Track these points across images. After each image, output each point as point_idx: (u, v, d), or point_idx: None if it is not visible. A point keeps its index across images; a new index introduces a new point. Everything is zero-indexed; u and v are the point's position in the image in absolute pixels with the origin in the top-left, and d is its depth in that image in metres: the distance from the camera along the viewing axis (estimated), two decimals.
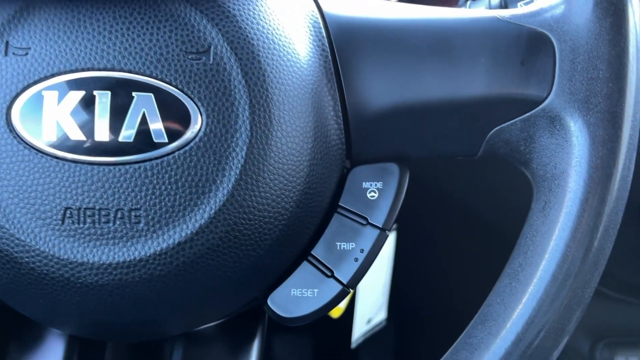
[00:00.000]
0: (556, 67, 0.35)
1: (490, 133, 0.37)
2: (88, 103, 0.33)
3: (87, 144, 0.33)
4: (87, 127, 0.33)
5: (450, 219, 0.68)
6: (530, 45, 0.36)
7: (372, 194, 0.38)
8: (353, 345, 0.60)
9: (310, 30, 0.37)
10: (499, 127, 0.37)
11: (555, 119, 0.35)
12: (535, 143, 0.36)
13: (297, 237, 0.36)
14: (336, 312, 0.56)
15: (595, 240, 0.34)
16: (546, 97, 0.35)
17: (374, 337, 0.66)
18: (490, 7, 0.47)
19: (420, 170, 0.59)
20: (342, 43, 0.37)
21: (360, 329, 0.60)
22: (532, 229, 0.36)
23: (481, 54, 0.36)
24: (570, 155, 0.35)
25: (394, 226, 0.62)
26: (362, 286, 0.57)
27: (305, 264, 0.38)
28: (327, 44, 0.37)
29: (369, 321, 0.61)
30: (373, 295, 0.59)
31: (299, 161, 0.35)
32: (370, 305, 0.60)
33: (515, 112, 0.36)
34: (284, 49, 0.35)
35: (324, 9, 0.38)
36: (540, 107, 0.36)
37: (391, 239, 0.59)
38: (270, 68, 0.34)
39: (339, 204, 0.38)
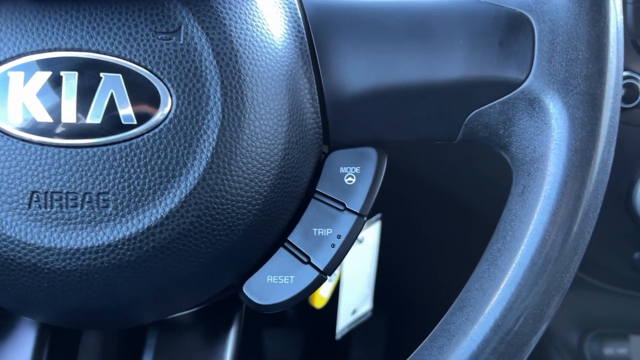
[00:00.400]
0: (535, 48, 0.35)
1: (469, 116, 0.36)
2: (55, 84, 0.32)
3: (54, 126, 0.32)
4: (54, 109, 0.32)
5: (432, 206, 0.68)
6: (508, 27, 0.35)
7: (350, 179, 0.37)
8: (338, 336, 0.59)
9: (286, 12, 0.36)
10: (477, 110, 0.36)
11: (534, 101, 0.35)
12: (515, 126, 0.35)
13: (272, 223, 0.36)
14: (319, 303, 0.56)
15: (574, 225, 0.34)
16: (525, 79, 0.35)
17: (361, 328, 0.66)
18: None
19: (401, 155, 0.58)
20: (319, 25, 0.36)
21: (345, 320, 0.60)
22: (510, 214, 0.35)
23: (459, 35, 0.35)
24: (550, 138, 0.34)
25: (379, 215, 0.61)
26: (346, 277, 0.57)
27: (281, 250, 0.37)
28: (303, 26, 0.36)
29: (354, 312, 0.61)
30: (358, 285, 0.58)
31: (273, 144, 0.34)
32: (355, 296, 0.59)
33: (494, 94, 0.36)
34: (257, 30, 0.34)
35: None
36: (519, 89, 0.35)
37: (376, 228, 0.59)
38: (242, 49, 0.33)
39: (316, 189, 0.37)
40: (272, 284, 0.36)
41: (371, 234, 0.58)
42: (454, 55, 0.35)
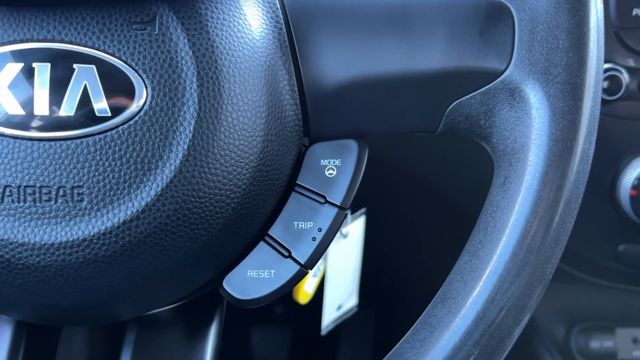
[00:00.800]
0: (515, 37, 0.34)
1: (450, 107, 0.36)
2: (27, 76, 0.31)
3: (27, 119, 0.31)
4: (26, 101, 0.31)
5: (417, 199, 0.68)
6: (488, 16, 0.35)
7: (331, 171, 0.37)
8: (323, 332, 0.59)
9: (264, 2, 0.35)
10: (458, 100, 0.36)
11: (515, 91, 0.34)
12: (495, 117, 0.35)
13: (252, 216, 0.35)
14: (304, 298, 0.56)
15: (556, 215, 0.33)
16: (505, 69, 0.34)
17: (348, 323, 0.65)
18: None
19: (385, 148, 0.58)
20: (297, 15, 0.36)
21: (330, 316, 0.60)
22: (492, 205, 0.35)
23: (439, 25, 0.35)
24: (530, 128, 0.34)
25: (363, 210, 0.61)
26: (331, 272, 0.57)
27: (261, 244, 0.36)
28: (281, 16, 0.35)
29: (339, 307, 0.60)
30: (343, 281, 0.58)
31: (251, 136, 0.34)
32: (341, 292, 0.59)
33: (474, 85, 0.35)
34: (234, 20, 0.34)
35: None
36: (500, 79, 0.35)
37: (360, 223, 0.58)
38: (219, 39, 0.33)
39: (297, 182, 0.37)
40: (253, 278, 0.36)
41: (356, 228, 0.58)
42: (434, 45, 0.35)
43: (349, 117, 0.37)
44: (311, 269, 0.37)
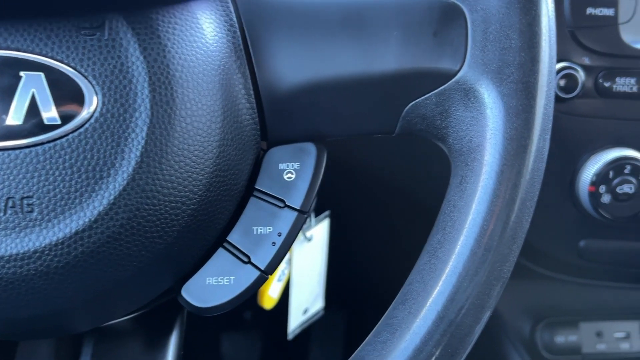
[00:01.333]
0: (468, 38, 0.34)
1: (406, 109, 0.36)
2: None
3: None
4: None
5: (380, 199, 0.68)
6: (442, 17, 0.35)
7: (289, 175, 0.37)
8: (290, 336, 0.59)
9: (217, 5, 0.35)
10: (414, 102, 0.36)
11: (469, 91, 0.34)
12: (451, 117, 0.35)
13: (209, 223, 0.35)
14: (269, 304, 0.55)
15: (512, 214, 0.34)
16: (459, 69, 0.35)
17: (317, 326, 0.65)
18: None
19: (346, 149, 0.58)
20: (252, 18, 0.35)
21: (296, 320, 0.59)
22: (450, 205, 0.35)
23: (393, 27, 0.35)
24: (485, 128, 0.34)
25: (327, 213, 0.61)
26: (296, 276, 0.56)
27: (220, 251, 0.36)
28: (235, 19, 0.35)
29: (305, 311, 0.60)
30: (308, 284, 0.58)
31: (206, 142, 0.33)
32: (306, 295, 0.59)
33: (429, 85, 0.35)
34: (186, 24, 0.33)
35: None
36: (454, 79, 0.35)
37: (325, 225, 0.58)
38: (171, 43, 0.32)
39: (255, 186, 0.36)
40: (212, 285, 0.35)
41: (320, 231, 0.57)
42: (389, 47, 0.35)
43: (307, 120, 0.37)
44: (272, 274, 0.37)
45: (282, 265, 0.54)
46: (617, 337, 0.77)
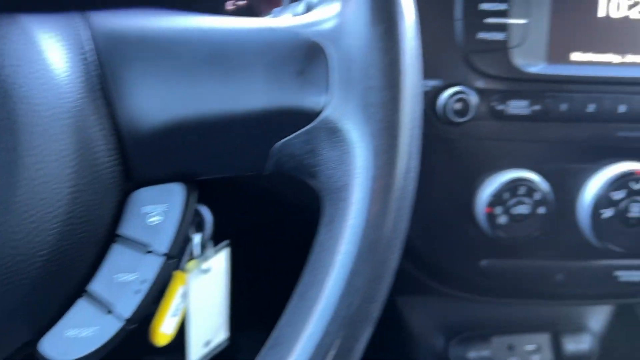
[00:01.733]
0: (333, 77, 0.34)
1: (274, 147, 0.35)
2: None
3: None
4: None
5: (281, 225, 0.67)
6: (306, 56, 0.34)
7: (155, 218, 0.35)
8: None
9: (70, 43, 0.33)
10: (282, 141, 0.35)
11: (335, 130, 0.34)
12: (319, 156, 0.35)
13: (66, 273, 0.33)
14: (162, 340, 0.53)
15: (378, 254, 0.33)
16: (324, 108, 0.34)
17: (224, 355, 0.64)
18: (295, 15, 0.46)
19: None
20: (109, 56, 0.34)
21: (197, 353, 0.58)
22: (319, 245, 0.34)
23: (258, 65, 0.34)
24: (351, 167, 0.34)
25: (226, 242, 0.59)
26: (194, 309, 0.55)
27: (81, 301, 0.34)
28: (90, 58, 0.33)
29: (207, 343, 0.59)
30: (209, 316, 0.57)
31: (57, 189, 0.31)
32: (207, 327, 0.57)
33: (296, 124, 0.35)
34: (33, 63, 0.31)
35: (91, 20, 0.34)
36: (320, 118, 0.34)
37: (224, 255, 0.57)
38: (17, 86, 0.31)
39: (118, 232, 0.35)
40: (73, 338, 0.34)
41: (219, 262, 0.56)
42: (254, 85, 0.34)
43: (174, 160, 0.35)
44: (137, 323, 0.35)
45: (177, 300, 0.53)
46: (528, 349, 0.79)
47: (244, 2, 0.71)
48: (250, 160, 0.36)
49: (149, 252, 0.35)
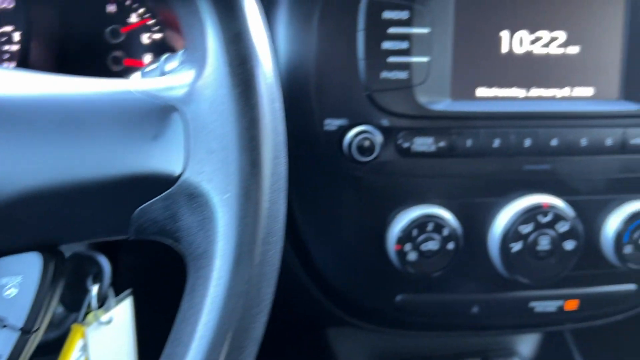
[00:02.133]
0: (190, 141, 0.33)
1: (135, 213, 0.34)
2: None
3: None
4: None
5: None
6: (161, 120, 0.34)
7: (10, 290, 0.34)
8: None
9: None
10: (141, 207, 0.34)
11: (194, 195, 0.33)
12: (180, 221, 0.34)
13: None
14: None
15: (242, 322, 0.32)
16: (182, 174, 0.33)
17: None
18: (162, 74, 0.44)
19: None
20: None
21: None
22: (180, 315, 0.33)
23: (113, 130, 0.33)
24: (212, 233, 0.33)
25: (129, 291, 0.58)
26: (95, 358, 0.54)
27: None
28: None
29: None
30: None
31: None
32: None
33: (154, 190, 0.34)
34: None
35: None
36: (177, 183, 0.33)
37: (127, 305, 0.56)
38: None
39: None
40: None
41: (121, 311, 0.55)
42: (109, 150, 0.33)
43: (31, 228, 0.34)
44: None
45: (77, 353, 0.51)
46: None
47: (159, 35, 0.70)
48: (112, 226, 0.35)
49: (5, 326, 0.33)
